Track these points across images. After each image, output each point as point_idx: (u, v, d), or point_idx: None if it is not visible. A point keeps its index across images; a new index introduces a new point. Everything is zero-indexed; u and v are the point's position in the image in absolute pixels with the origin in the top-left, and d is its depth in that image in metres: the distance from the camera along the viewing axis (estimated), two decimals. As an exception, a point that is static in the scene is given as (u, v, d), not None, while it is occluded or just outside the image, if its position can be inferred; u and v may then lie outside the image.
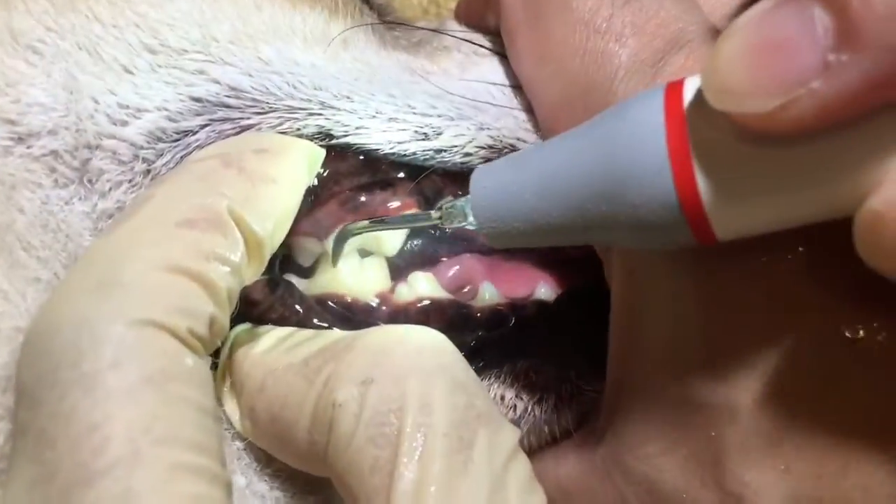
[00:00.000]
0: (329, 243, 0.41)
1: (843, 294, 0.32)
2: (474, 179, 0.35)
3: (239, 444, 0.37)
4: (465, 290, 0.44)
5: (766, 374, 0.33)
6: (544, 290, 0.44)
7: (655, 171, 0.29)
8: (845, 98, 0.26)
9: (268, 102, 0.39)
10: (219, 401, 0.38)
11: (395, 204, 0.41)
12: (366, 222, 0.40)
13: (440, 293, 0.43)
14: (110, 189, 0.38)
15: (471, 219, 0.35)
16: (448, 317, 0.42)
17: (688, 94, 0.30)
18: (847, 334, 0.32)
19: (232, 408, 0.38)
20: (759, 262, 0.33)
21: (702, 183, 0.29)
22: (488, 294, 0.43)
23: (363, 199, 0.41)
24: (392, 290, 0.43)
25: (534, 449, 0.42)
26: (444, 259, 0.44)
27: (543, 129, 0.41)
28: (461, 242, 0.44)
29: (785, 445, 0.33)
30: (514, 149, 0.41)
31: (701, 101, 0.28)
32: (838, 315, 0.32)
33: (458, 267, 0.44)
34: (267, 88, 0.39)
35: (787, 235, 0.30)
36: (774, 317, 0.33)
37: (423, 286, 0.42)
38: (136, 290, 0.32)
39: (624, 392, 0.38)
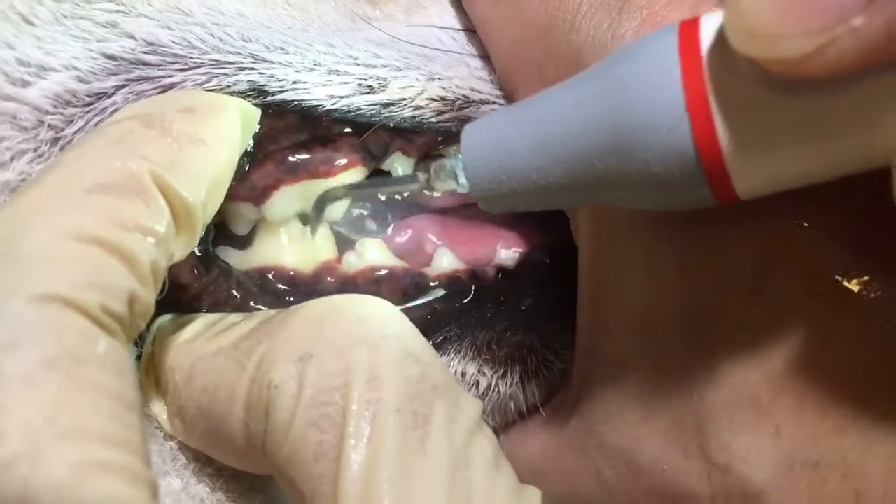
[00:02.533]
0: (266, 209, 0.37)
1: (836, 247, 0.30)
2: (466, 135, 0.31)
3: (172, 443, 0.34)
4: (419, 256, 0.40)
5: (753, 332, 0.31)
6: (505, 253, 0.40)
7: (671, 122, 0.26)
8: (893, 35, 0.23)
9: (191, 57, 0.35)
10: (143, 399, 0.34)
11: (339, 162, 0.37)
12: (345, 187, 0.37)
13: (392, 261, 0.39)
14: (12, 159, 0.34)
15: (462, 180, 0.31)
16: (402, 286, 0.39)
17: (705, 33, 0.27)
18: (843, 285, 0.30)
19: (158, 407, 0.34)
20: (746, 218, 0.31)
21: (722, 134, 0.26)
22: (445, 260, 0.40)
23: (303, 157, 0.37)
24: (339, 260, 0.39)
25: (499, 428, 0.39)
26: (395, 223, 0.41)
27: (500, 76, 0.38)
28: (413, 205, 0.41)
29: (774, 406, 0.31)
30: (467, 100, 0.38)
31: (721, 43, 0.26)
32: (833, 266, 0.30)
33: (410, 232, 0.41)
34: (189, 42, 0.35)
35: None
36: (763, 270, 0.31)
37: (372, 254, 0.39)
38: (37, 261, 0.27)
39: (597, 358, 0.36)
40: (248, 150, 0.36)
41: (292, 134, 0.37)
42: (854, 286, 0.30)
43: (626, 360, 0.34)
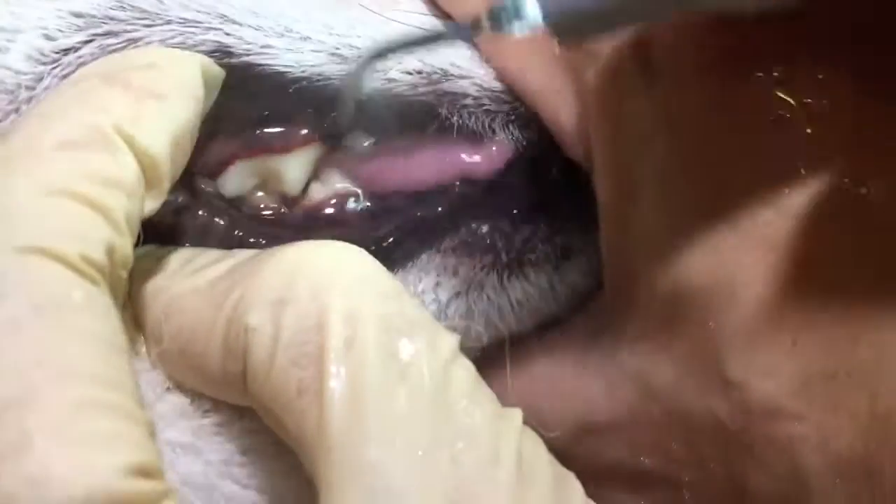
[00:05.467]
0: (221, 184, 0.38)
1: (847, 152, 0.30)
2: None
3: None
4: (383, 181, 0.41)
5: (766, 240, 0.31)
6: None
7: None
8: None
9: (158, 14, 0.35)
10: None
11: (296, 137, 0.38)
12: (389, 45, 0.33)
13: (356, 188, 0.40)
14: (-1, 121, 0.35)
15: (529, 10, 0.28)
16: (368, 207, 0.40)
17: None
18: (854, 190, 0.30)
19: (139, 340, 0.35)
20: (756, 115, 0.31)
21: None
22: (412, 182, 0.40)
23: (257, 133, 0.38)
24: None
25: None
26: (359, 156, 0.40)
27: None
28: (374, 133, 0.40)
29: (790, 319, 0.31)
30: (445, 74, 0.37)
31: None
32: (843, 171, 0.30)
33: (375, 160, 0.40)
34: (157, -1, 0.34)
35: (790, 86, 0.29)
36: (775, 180, 0.31)
37: (337, 183, 0.40)
38: (11, 217, 0.29)
39: (621, 284, 0.36)
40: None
41: (247, 107, 0.37)
42: (863, 191, 0.30)
43: (646, 284, 0.34)
